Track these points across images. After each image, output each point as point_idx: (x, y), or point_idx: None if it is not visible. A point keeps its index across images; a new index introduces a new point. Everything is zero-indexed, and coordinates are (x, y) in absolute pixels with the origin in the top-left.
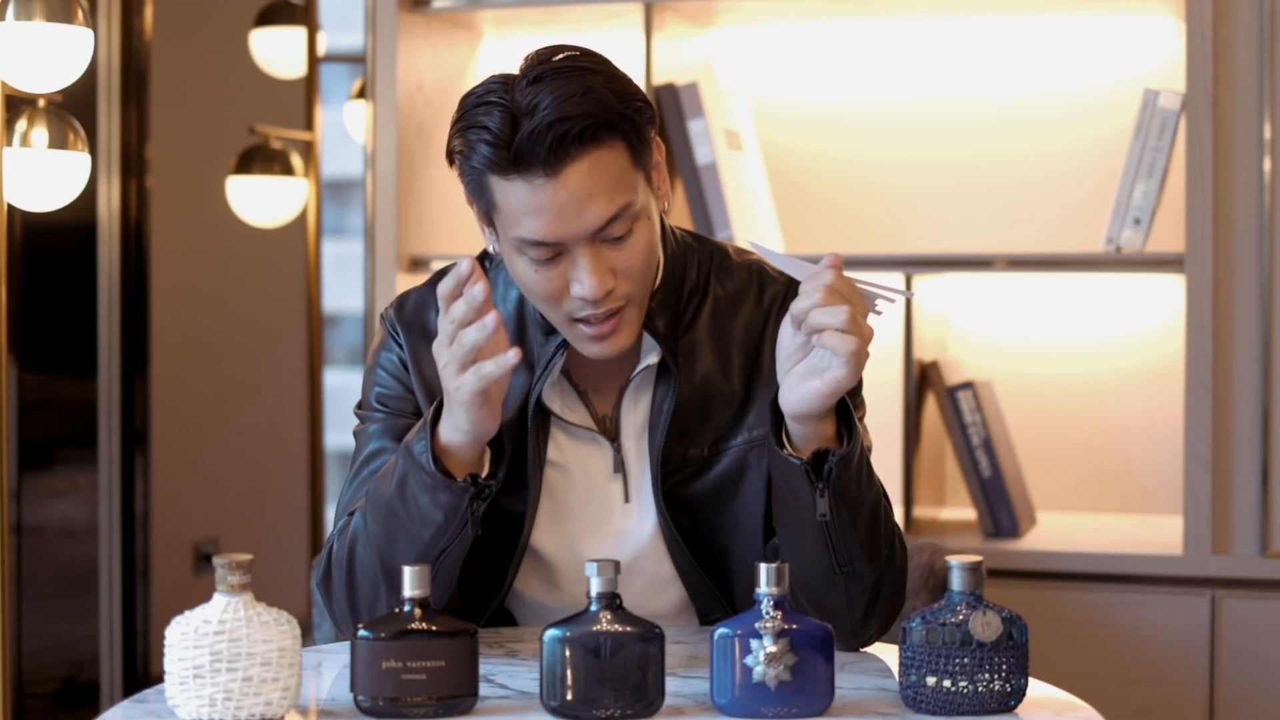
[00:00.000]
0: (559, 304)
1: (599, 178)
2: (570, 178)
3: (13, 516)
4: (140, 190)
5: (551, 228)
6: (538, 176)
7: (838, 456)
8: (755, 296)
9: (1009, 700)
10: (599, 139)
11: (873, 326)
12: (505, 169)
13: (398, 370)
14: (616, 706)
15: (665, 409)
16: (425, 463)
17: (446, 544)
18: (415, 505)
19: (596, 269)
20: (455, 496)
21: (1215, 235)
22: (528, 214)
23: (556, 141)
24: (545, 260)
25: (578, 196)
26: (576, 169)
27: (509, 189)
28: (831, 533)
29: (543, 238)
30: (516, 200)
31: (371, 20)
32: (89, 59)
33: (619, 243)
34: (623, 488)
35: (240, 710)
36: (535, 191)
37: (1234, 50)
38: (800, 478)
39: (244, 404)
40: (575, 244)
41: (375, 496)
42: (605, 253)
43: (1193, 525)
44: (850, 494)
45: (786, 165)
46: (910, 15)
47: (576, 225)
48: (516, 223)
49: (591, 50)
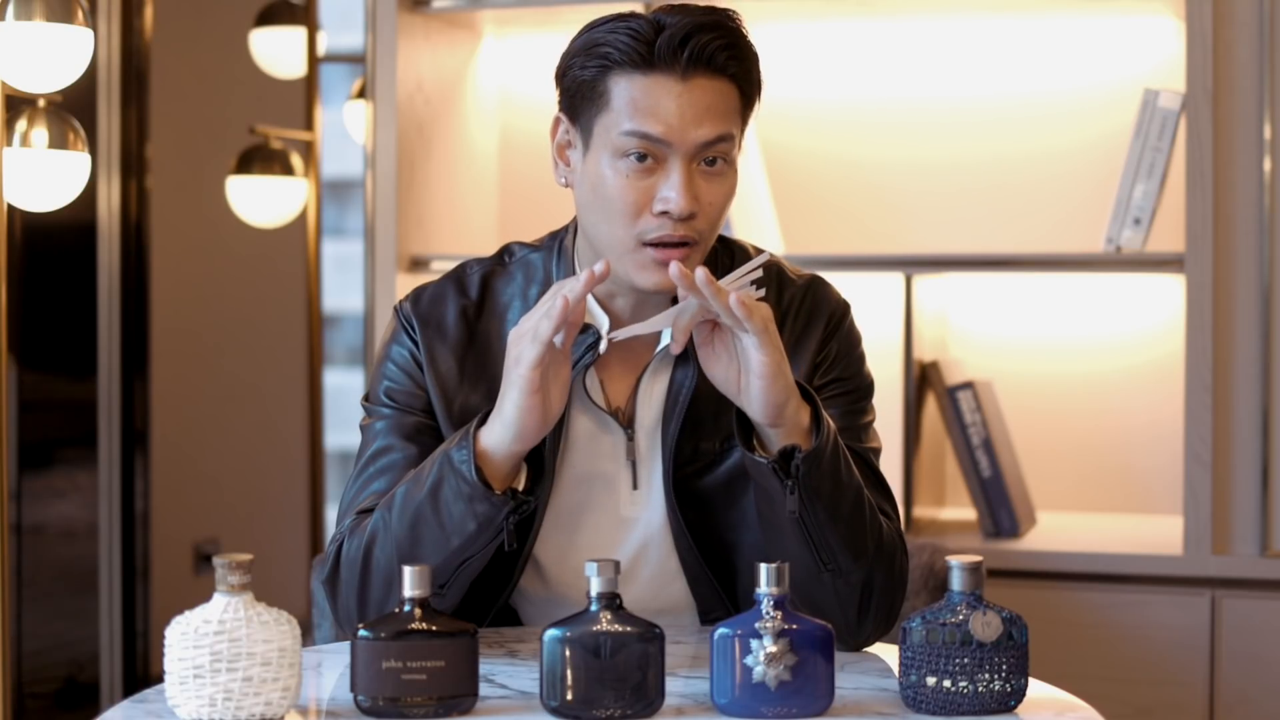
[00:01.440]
0: (635, 220)
1: (718, 100)
2: (696, 88)
3: (13, 516)
4: (140, 190)
5: (669, 125)
6: (670, 77)
7: (804, 454)
8: (774, 296)
9: (1009, 700)
10: (727, 69)
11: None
12: (640, 63)
13: (409, 365)
14: (616, 706)
15: (682, 399)
16: (466, 472)
17: (474, 553)
18: (448, 513)
19: (689, 186)
20: (493, 508)
21: (1215, 235)
22: (647, 110)
23: (698, 50)
24: (641, 168)
25: (698, 106)
26: (703, 84)
27: (634, 84)
28: (809, 530)
29: (656, 133)
30: (641, 95)
31: (371, 20)
32: (89, 59)
33: (712, 174)
34: (632, 475)
35: (240, 710)
36: (663, 90)
37: (1234, 50)
38: (770, 476)
39: (244, 404)
40: (676, 156)
41: (404, 499)
42: (698, 178)
43: (1193, 525)
44: (824, 490)
45: (786, 165)
46: (910, 15)
47: (690, 132)
48: (631, 117)
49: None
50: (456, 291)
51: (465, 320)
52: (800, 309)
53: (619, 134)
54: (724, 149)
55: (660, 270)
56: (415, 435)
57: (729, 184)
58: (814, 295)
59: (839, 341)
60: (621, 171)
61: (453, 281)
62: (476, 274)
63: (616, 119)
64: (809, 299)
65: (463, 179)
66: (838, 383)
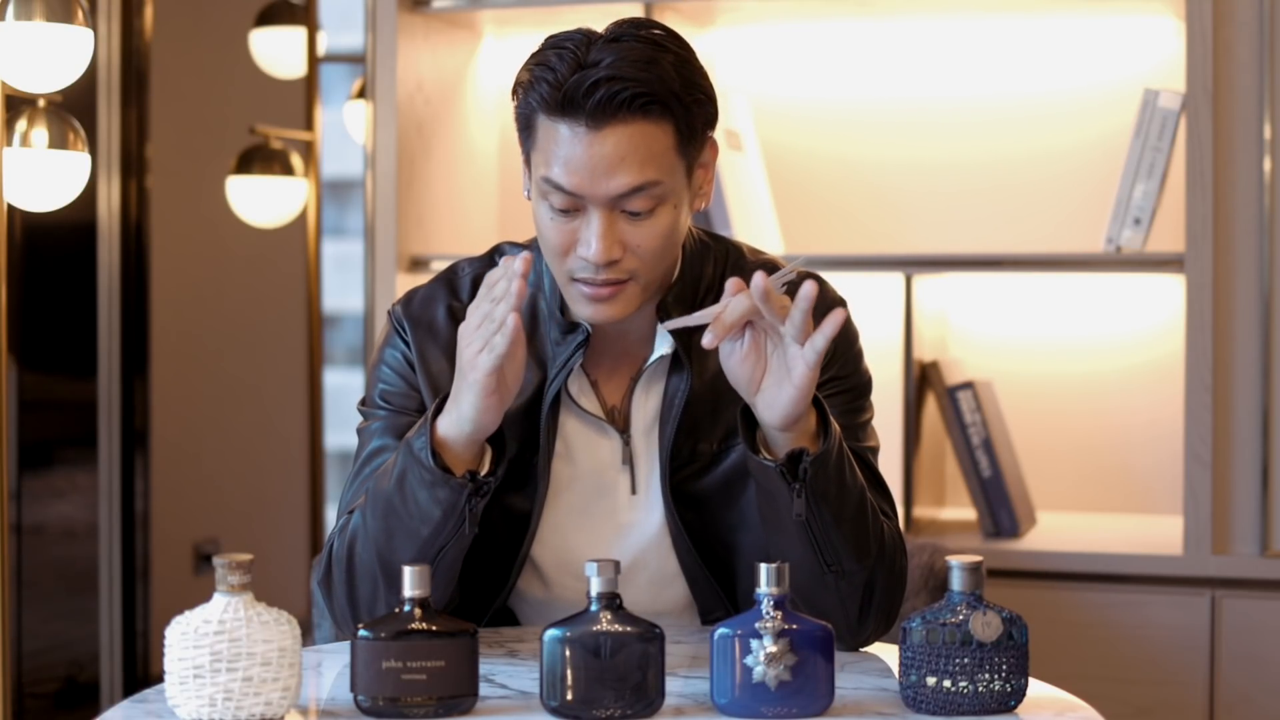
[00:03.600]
0: (564, 258)
1: (635, 148)
2: (608, 138)
3: (13, 516)
4: (140, 190)
5: (576, 179)
6: (579, 125)
7: (812, 457)
8: None
9: (1009, 700)
10: (647, 112)
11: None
12: (554, 110)
13: (403, 367)
14: (616, 706)
15: (677, 402)
16: (424, 458)
17: (445, 541)
18: (414, 501)
19: (605, 235)
20: (454, 493)
21: (1215, 235)
22: (559, 159)
23: (606, 99)
24: (563, 211)
25: (608, 158)
26: (616, 132)
27: (551, 130)
28: (814, 532)
29: (566, 186)
30: (554, 142)
31: (371, 20)
32: (89, 59)
33: (637, 219)
34: (630, 479)
35: (240, 710)
36: (573, 139)
37: (1234, 50)
38: (776, 479)
39: (244, 404)
40: (593, 204)
41: (375, 493)
42: (620, 223)
43: (1193, 525)
44: (830, 493)
45: (786, 165)
46: (910, 15)
47: (599, 186)
48: (548, 164)
49: (681, 37)
50: (447, 293)
51: (455, 321)
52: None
53: (539, 178)
54: (645, 196)
55: (591, 305)
56: None
57: (660, 225)
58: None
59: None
60: (546, 213)
61: (443, 283)
62: (467, 275)
63: (540, 159)
64: None
65: (463, 179)
66: (835, 381)
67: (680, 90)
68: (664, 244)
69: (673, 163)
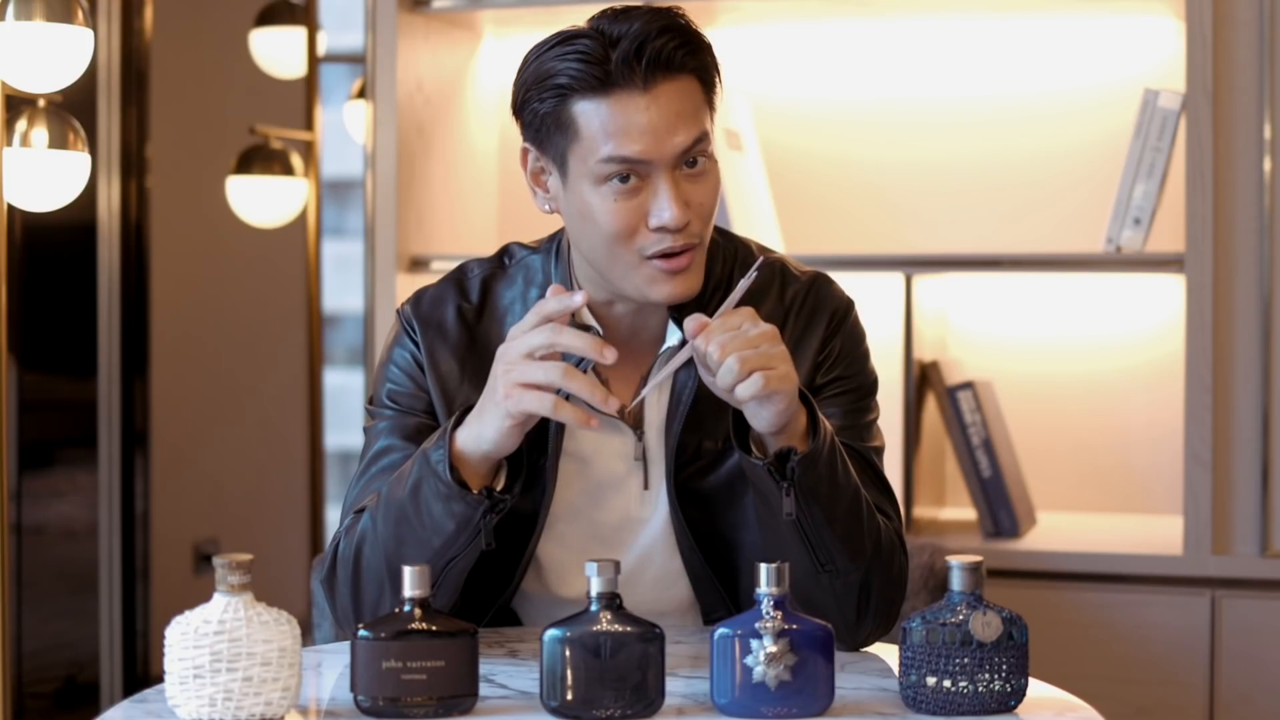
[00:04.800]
0: (632, 240)
1: (686, 101)
2: (661, 96)
3: (13, 516)
4: (140, 190)
5: (642, 144)
6: (633, 92)
7: (799, 456)
8: (777, 293)
9: (1009, 700)
10: (685, 65)
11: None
12: (598, 88)
13: (411, 367)
14: (616, 706)
15: (685, 398)
16: (442, 471)
17: (456, 553)
18: (428, 512)
19: (679, 197)
20: (469, 508)
21: (1215, 235)
22: (619, 133)
23: (654, 58)
24: (626, 189)
25: (668, 115)
26: (667, 89)
27: (598, 110)
28: (806, 531)
29: (633, 155)
30: (609, 119)
31: (371, 20)
32: (89, 59)
33: (696, 176)
34: (643, 475)
35: (240, 710)
36: (628, 107)
37: (1234, 50)
38: (766, 478)
39: (244, 404)
40: (659, 170)
41: (388, 499)
42: (683, 184)
43: (1193, 525)
44: (821, 492)
45: (786, 165)
46: (910, 15)
47: (667, 144)
48: (603, 143)
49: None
50: (456, 293)
51: (464, 322)
52: (802, 307)
53: (596, 162)
54: (703, 148)
55: (670, 280)
56: (417, 436)
57: (714, 179)
58: (816, 293)
59: (842, 339)
60: (608, 197)
61: (453, 283)
62: (477, 277)
63: (590, 147)
64: (811, 296)
65: (463, 179)
66: (840, 381)
67: (704, 45)
68: (715, 199)
69: (708, 116)
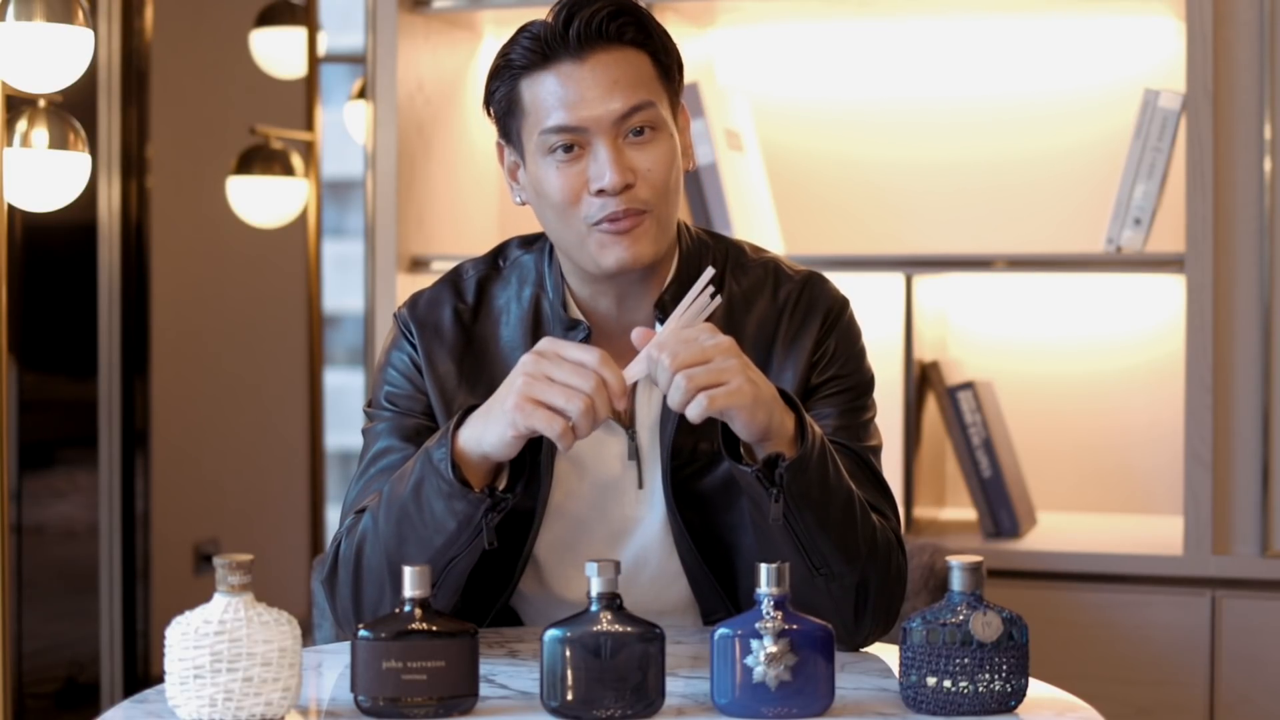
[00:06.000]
0: (577, 208)
1: (624, 71)
2: (598, 65)
3: (13, 516)
4: (140, 190)
5: (576, 111)
6: (566, 63)
7: (787, 462)
8: (770, 294)
9: (1009, 700)
10: (624, 36)
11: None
12: (538, 62)
13: (409, 370)
14: (617, 707)
15: None
16: (444, 470)
17: (457, 552)
18: (430, 511)
19: (617, 161)
20: (471, 507)
21: (1215, 235)
22: (555, 104)
23: (584, 27)
24: (569, 157)
25: (602, 83)
26: (604, 58)
27: (539, 85)
28: (798, 535)
29: (568, 122)
30: (546, 93)
31: (371, 20)
32: (89, 59)
33: (641, 144)
34: (637, 475)
35: (240, 710)
36: (564, 79)
37: (1234, 50)
38: (755, 484)
39: (244, 404)
40: (598, 136)
41: (389, 498)
42: (627, 151)
43: (1193, 525)
44: (812, 496)
45: (786, 165)
46: (910, 15)
47: (599, 108)
48: (545, 115)
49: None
50: (452, 295)
51: (461, 323)
52: (796, 306)
53: (540, 134)
54: (646, 117)
55: (617, 243)
56: (415, 437)
57: (664, 150)
58: (810, 292)
59: (836, 338)
60: (552, 167)
61: (449, 285)
62: (472, 278)
63: (535, 122)
64: (805, 296)
65: (463, 179)
66: (836, 380)
67: (647, 19)
68: (669, 174)
69: (659, 91)
